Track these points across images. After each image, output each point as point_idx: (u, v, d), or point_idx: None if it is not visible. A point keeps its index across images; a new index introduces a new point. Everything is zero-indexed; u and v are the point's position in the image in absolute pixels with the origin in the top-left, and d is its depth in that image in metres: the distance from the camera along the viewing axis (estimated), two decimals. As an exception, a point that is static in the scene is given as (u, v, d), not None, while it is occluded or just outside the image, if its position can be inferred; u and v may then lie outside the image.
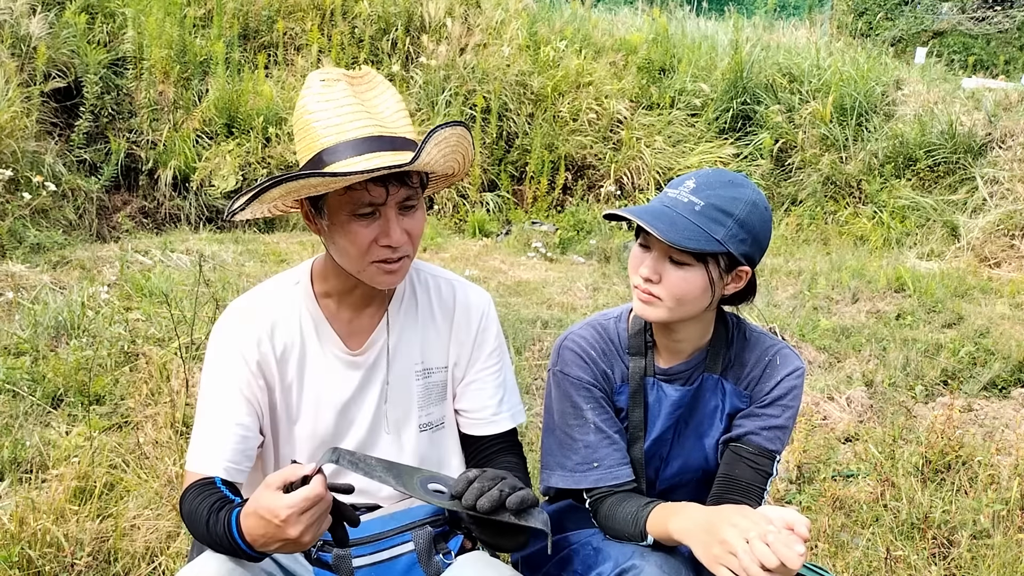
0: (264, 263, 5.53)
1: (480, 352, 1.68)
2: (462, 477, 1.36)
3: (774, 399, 1.66)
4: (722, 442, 1.71)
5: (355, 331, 1.61)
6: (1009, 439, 3.53)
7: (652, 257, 1.54)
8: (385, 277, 1.50)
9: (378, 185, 1.42)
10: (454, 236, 7.20)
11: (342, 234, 1.46)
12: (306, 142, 1.45)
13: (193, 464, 1.49)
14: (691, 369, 1.69)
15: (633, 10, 10.92)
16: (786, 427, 1.67)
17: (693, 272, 1.52)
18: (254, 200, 1.44)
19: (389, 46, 8.28)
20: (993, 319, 4.98)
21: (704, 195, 1.51)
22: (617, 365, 1.69)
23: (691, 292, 1.53)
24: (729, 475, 1.66)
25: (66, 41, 6.87)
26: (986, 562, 2.59)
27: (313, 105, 1.45)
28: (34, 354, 3.67)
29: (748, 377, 1.68)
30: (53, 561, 2.33)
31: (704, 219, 1.49)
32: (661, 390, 1.69)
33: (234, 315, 1.58)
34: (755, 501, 1.62)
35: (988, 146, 7.46)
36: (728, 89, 8.36)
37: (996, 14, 12.01)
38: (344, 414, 1.61)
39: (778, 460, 1.67)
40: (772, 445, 1.65)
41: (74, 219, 6.10)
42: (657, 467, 1.74)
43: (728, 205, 1.50)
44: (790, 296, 5.56)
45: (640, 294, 1.57)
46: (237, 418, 1.51)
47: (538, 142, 7.84)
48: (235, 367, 1.54)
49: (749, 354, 1.69)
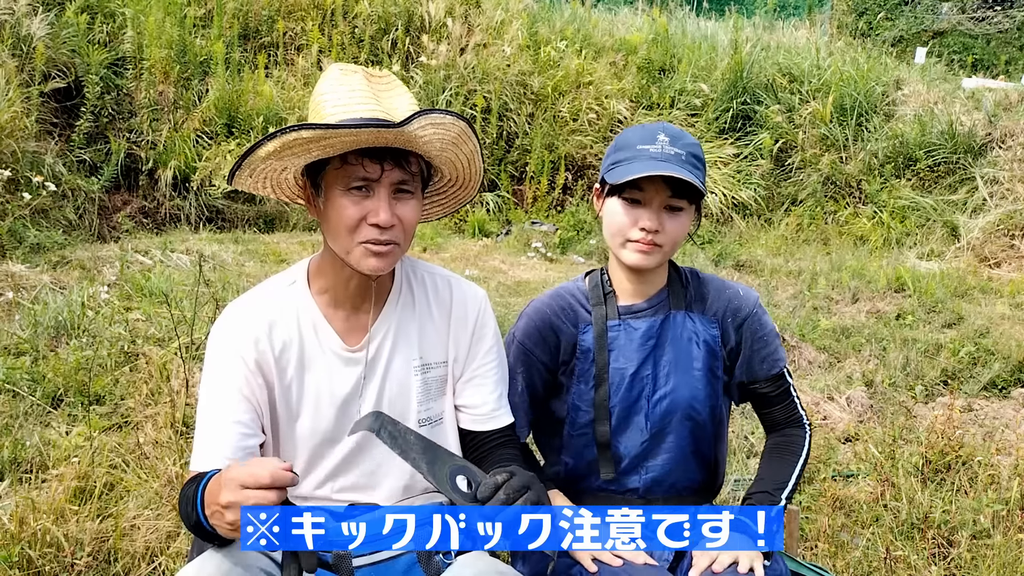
0: (264, 263, 5.53)
1: (479, 348, 1.68)
2: (490, 481, 1.33)
3: (753, 335, 1.82)
4: (736, 386, 1.85)
5: (352, 328, 1.62)
6: (1009, 439, 3.53)
7: (651, 209, 1.69)
8: (371, 260, 1.50)
9: (374, 161, 1.44)
10: (454, 236, 7.20)
11: (334, 209, 1.48)
12: (312, 119, 1.47)
13: (196, 464, 1.50)
14: (655, 306, 1.81)
15: (633, 10, 10.92)
16: (773, 343, 1.84)
17: (685, 215, 1.72)
18: (252, 154, 1.45)
19: (389, 46, 8.28)
20: (993, 319, 4.98)
21: (680, 145, 1.70)
22: (580, 315, 1.82)
23: (683, 233, 1.73)
24: (766, 413, 1.89)
25: (66, 41, 6.87)
26: (986, 562, 2.59)
27: (326, 87, 1.49)
28: (34, 354, 3.67)
29: (713, 308, 1.83)
30: (53, 561, 2.33)
31: (690, 166, 1.68)
32: (629, 326, 1.79)
33: (232, 315, 1.59)
34: (796, 411, 1.87)
35: (988, 146, 7.46)
36: (728, 89, 8.36)
37: (996, 14, 12.01)
38: (344, 410, 1.61)
39: (784, 366, 1.86)
40: (776, 367, 1.84)
41: (74, 219, 6.10)
42: (645, 410, 1.78)
43: (696, 151, 1.72)
44: (790, 296, 5.56)
45: (641, 246, 1.70)
46: (236, 416, 1.52)
47: (538, 142, 7.84)
48: (233, 367, 1.54)
49: (706, 288, 1.85)
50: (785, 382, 1.86)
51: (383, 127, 1.40)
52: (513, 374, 1.79)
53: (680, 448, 1.78)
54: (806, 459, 1.84)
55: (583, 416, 1.78)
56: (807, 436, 1.86)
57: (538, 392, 1.83)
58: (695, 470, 1.83)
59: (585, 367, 1.78)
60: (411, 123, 1.41)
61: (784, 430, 1.87)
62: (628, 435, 1.78)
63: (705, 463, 1.85)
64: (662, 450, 1.79)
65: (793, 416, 1.87)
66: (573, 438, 1.81)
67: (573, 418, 1.79)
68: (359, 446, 1.62)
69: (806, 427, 1.87)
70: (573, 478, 1.83)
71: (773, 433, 1.90)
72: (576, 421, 1.79)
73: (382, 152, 1.45)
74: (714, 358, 1.80)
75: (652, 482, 1.79)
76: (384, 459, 1.64)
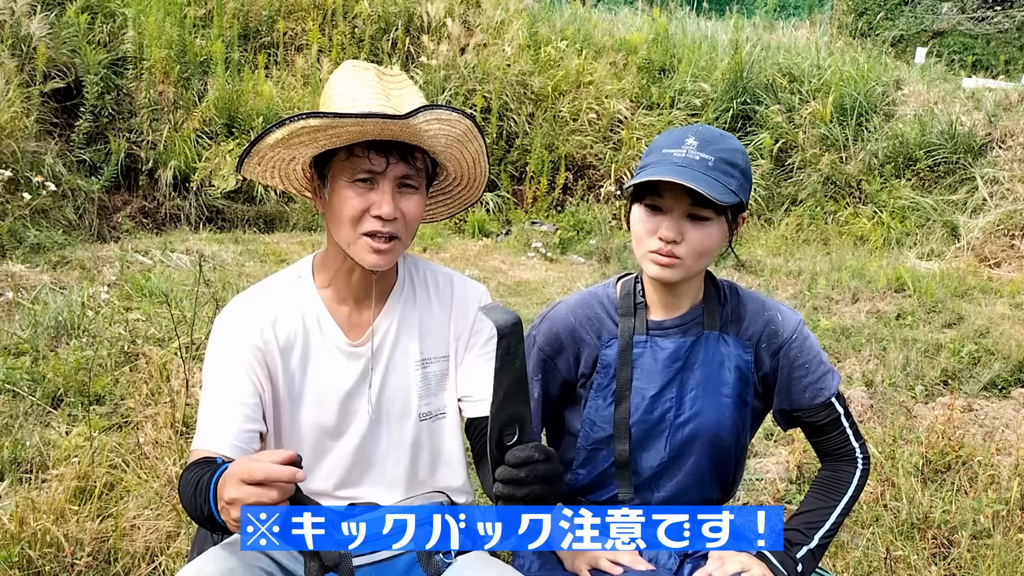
0: (264, 263, 5.54)
1: (477, 339, 1.68)
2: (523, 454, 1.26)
3: (791, 363, 1.69)
4: (779, 413, 1.75)
5: (355, 323, 1.63)
6: (1009, 439, 3.53)
7: (671, 218, 1.56)
8: (371, 256, 1.51)
9: (379, 155, 1.46)
10: (454, 236, 7.20)
11: (339, 200, 1.50)
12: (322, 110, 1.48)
13: (200, 442, 1.49)
14: (687, 324, 1.69)
15: (633, 10, 10.92)
16: (817, 371, 1.70)
17: (713, 226, 1.57)
18: (261, 141, 1.47)
19: (389, 46, 8.28)
20: (993, 319, 4.98)
21: (710, 150, 1.56)
22: (605, 326, 1.71)
23: (712, 246, 1.58)
24: (815, 443, 1.78)
25: (66, 41, 6.87)
26: (986, 562, 2.59)
27: (338, 82, 1.52)
28: (34, 354, 3.67)
29: (748, 332, 1.71)
30: (53, 561, 2.33)
31: (718, 173, 1.54)
32: (656, 344, 1.69)
33: (238, 306, 1.61)
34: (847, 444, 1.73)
35: (988, 146, 7.46)
36: (728, 89, 8.36)
37: (996, 14, 12.01)
38: (346, 404, 1.62)
39: (834, 394, 1.72)
40: (821, 396, 1.70)
41: (74, 219, 6.10)
42: (667, 433, 1.69)
43: (732, 157, 1.57)
44: (790, 296, 5.56)
45: (659, 257, 1.57)
46: (242, 398, 1.52)
47: (538, 142, 7.84)
48: (239, 351, 1.55)
49: (744, 309, 1.72)
50: (834, 411, 1.72)
51: (389, 119, 1.41)
52: (530, 381, 1.71)
53: (699, 470, 1.72)
54: (853, 497, 1.72)
55: (598, 432, 1.71)
56: (857, 472, 1.73)
57: (553, 401, 1.77)
58: (711, 489, 1.76)
59: (604, 382, 1.70)
60: (416, 116, 1.43)
61: (834, 463, 1.75)
62: (646, 455, 1.71)
63: (722, 483, 1.79)
64: (680, 471, 1.71)
65: (844, 448, 1.74)
66: (586, 452, 1.74)
67: (588, 433, 1.73)
68: (362, 441, 1.63)
69: (858, 461, 1.74)
70: (583, 490, 1.79)
71: (823, 464, 1.78)
72: (590, 436, 1.72)
73: (388, 146, 1.47)
74: (745, 384, 1.70)
75: (664, 500, 1.73)
76: (386, 454, 1.65)
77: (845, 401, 1.75)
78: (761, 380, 1.72)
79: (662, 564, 1.68)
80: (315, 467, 1.62)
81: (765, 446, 3.53)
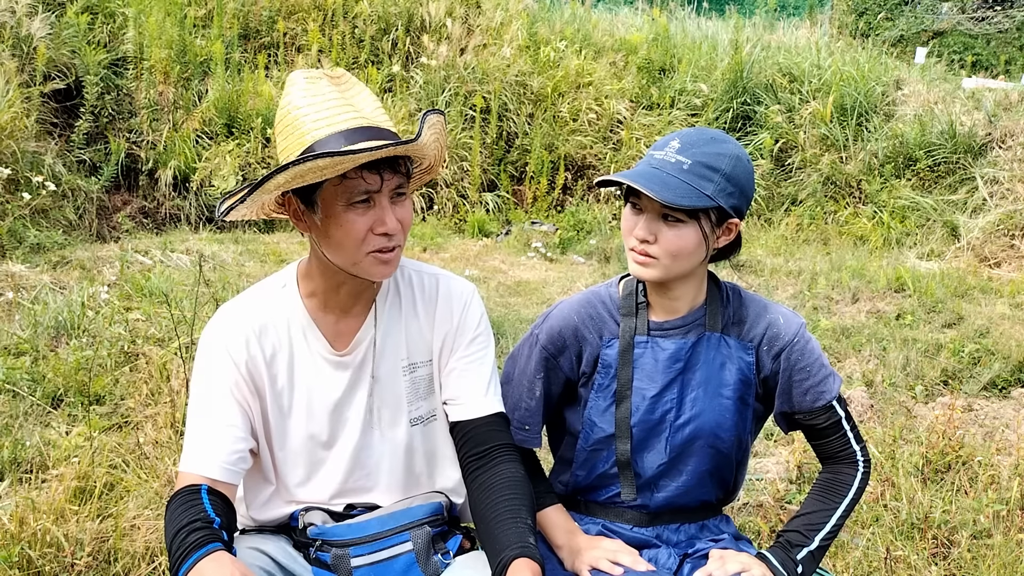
0: (264, 263, 5.54)
1: (461, 339, 1.66)
2: None
3: (792, 365, 1.69)
4: (780, 416, 1.75)
5: (341, 332, 1.61)
6: (1009, 439, 3.53)
7: (645, 218, 1.59)
8: (380, 268, 1.51)
9: (373, 172, 1.44)
10: (454, 236, 7.20)
11: (337, 226, 1.47)
12: (295, 136, 1.46)
13: (187, 465, 1.48)
14: (688, 325, 1.70)
15: (633, 10, 10.92)
16: (818, 374, 1.69)
17: (686, 229, 1.57)
18: (257, 190, 1.43)
19: (389, 46, 8.28)
20: (993, 319, 4.98)
21: (690, 153, 1.56)
22: (607, 326, 1.72)
23: (685, 248, 1.58)
24: (816, 446, 1.78)
25: (66, 42, 6.87)
26: (986, 562, 2.59)
27: (299, 100, 1.47)
28: (34, 354, 3.67)
29: (750, 334, 1.71)
30: (53, 561, 2.33)
31: (693, 176, 1.54)
32: (656, 345, 1.69)
33: (223, 318, 1.59)
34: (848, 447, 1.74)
35: (988, 146, 7.46)
36: (728, 89, 8.36)
37: (996, 14, 12.01)
38: (336, 414, 1.61)
39: (835, 397, 1.71)
40: (821, 400, 1.70)
41: (74, 219, 6.10)
42: (667, 433, 1.69)
43: (714, 161, 1.56)
44: (790, 296, 5.56)
45: (636, 256, 1.61)
46: (229, 419, 1.51)
47: (538, 142, 7.84)
48: (224, 369, 1.54)
49: (746, 310, 1.72)
50: (835, 415, 1.72)
51: (400, 144, 1.42)
52: (532, 379, 1.73)
53: (699, 472, 1.71)
54: (854, 500, 1.73)
55: (598, 432, 1.71)
56: (858, 475, 1.73)
57: (553, 399, 1.77)
58: (711, 490, 1.76)
59: (605, 382, 1.70)
60: (420, 137, 1.46)
61: (835, 466, 1.76)
62: (646, 456, 1.70)
63: (723, 484, 1.78)
64: (680, 472, 1.71)
65: (844, 451, 1.74)
66: (586, 452, 1.74)
67: (588, 433, 1.72)
68: (355, 450, 1.62)
69: (859, 464, 1.74)
70: (582, 490, 1.79)
71: (824, 467, 1.79)
72: (591, 436, 1.72)
73: (378, 162, 1.45)
74: (747, 386, 1.70)
75: (664, 501, 1.73)
76: (380, 461, 1.64)
77: (846, 404, 1.75)
78: (762, 383, 1.72)
79: (662, 564, 1.68)
80: (311, 478, 1.62)
81: (765, 446, 3.53)
